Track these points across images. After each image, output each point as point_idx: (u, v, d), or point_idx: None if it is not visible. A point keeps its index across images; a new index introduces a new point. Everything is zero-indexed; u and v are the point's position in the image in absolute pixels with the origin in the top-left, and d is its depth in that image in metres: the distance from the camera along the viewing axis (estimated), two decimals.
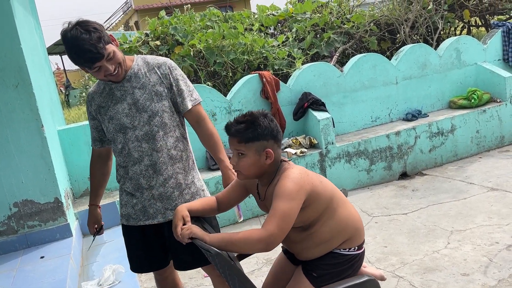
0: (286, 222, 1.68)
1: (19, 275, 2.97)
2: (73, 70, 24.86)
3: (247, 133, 1.75)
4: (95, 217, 2.31)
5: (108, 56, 1.92)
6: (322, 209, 1.81)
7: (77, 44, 1.86)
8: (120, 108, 2.06)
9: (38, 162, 3.39)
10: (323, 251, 1.86)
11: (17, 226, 3.43)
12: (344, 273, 1.86)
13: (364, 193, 4.64)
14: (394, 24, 6.35)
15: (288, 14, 6.49)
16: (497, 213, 3.68)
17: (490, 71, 5.56)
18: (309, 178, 1.79)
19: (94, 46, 1.86)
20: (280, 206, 1.70)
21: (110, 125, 2.08)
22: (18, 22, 3.33)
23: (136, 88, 2.06)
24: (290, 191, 1.71)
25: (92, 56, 1.87)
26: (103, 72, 1.95)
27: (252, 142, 1.76)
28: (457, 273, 2.88)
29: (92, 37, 1.86)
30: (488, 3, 6.98)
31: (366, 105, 5.24)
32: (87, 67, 1.93)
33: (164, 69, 2.11)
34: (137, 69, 2.09)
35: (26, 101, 3.32)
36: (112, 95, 2.08)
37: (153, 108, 2.06)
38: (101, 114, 2.11)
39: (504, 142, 5.52)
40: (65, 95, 17.65)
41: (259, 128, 1.76)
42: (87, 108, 2.18)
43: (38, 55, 4.28)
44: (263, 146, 1.77)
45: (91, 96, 2.14)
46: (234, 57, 5.23)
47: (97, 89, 2.13)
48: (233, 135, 1.78)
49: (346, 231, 1.86)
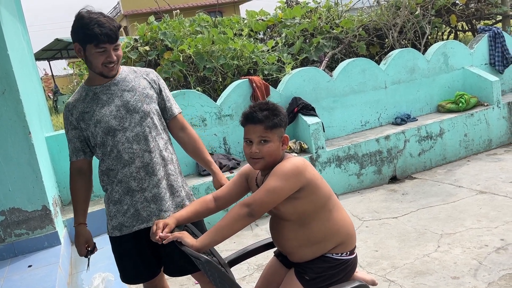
0: (271, 197, 1.73)
1: (6, 285, 2.91)
2: (61, 75, 24.65)
3: (273, 119, 1.80)
4: (84, 236, 2.15)
5: (116, 46, 2.00)
6: (319, 205, 1.82)
7: (101, 20, 1.94)
8: (108, 111, 2.04)
9: (26, 169, 3.35)
10: (316, 253, 1.85)
11: (4, 235, 3.37)
12: (336, 277, 1.86)
13: (355, 197, 4.65)
14: (383, 29, 6.41)
15: (277, 19, 6.51)
16: (486, 216, 3.71)
17: (477, 75, 5.63)
18: (311, 168, 1.83)
19: (114, 28, 1.96)
20: (270, 182, 1.74)
21: (97, 129, 2.04)
22: (5, 29, 3.30)
23: (125, 91, 2.08)
24: (286, 171, 1.74)
25: (110, 33, 1.93)
26: (105, 56, 1.97)
27: (277, 128, 1.81)
28: (447, 277, 2.89)
29: (114, 23, 1.98)
30: (475, 8, 7.08)
31: (356, 109, 5.26)
32: (98, 42, 1.93)
33: (152, 76, 2.19)
34: (125, 75, 2.13)
35: (13, 107, 3.27)
36: (97, 99, 2.06)
37: (145, 109, 2.08)
38: (84, 120, 2.06)
39: (491, 145, 5.58)
40: (53, 101, 17.47)
41: (281, 115, 1.83)
42: (66, 118, 2.11)
43: (25, 61, 4.24)
44: (282, 133, 1.84)
45: (72, 105, 2.09)
46: (224, 62, 5.23)
47: (79, 97, 2.10)
48: (259, 121, 1.80)
49: (339, 235, 1.87)
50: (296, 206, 1.78)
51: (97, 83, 2.09)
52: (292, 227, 1.84)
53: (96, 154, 2.14)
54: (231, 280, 1.71)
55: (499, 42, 5.92)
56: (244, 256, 2.10)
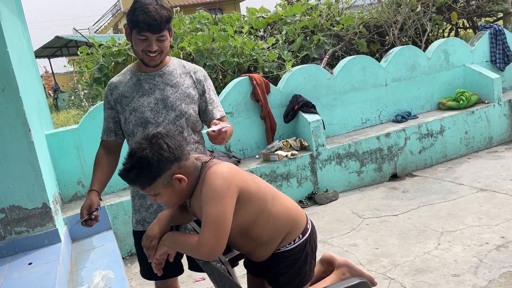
0: (221, 227, 1.55)
1: (6, 282, 2.91)
2: (62, 73, 24.63)
3: (143, 177, 1.57)
4: (89, 200, 2.02)
5: (161, 37, 1.94)
6: (256, 212, 1.71)
7: (148, 8, 1.89)
8: (146, 102, 2.02)
9: (25, 167, 3.34)
10: (270, 250, 1.80)
11: (4, 232, 3.37)
12: (305, 264, 1.83)
13: (355, 194, 4.65)
14: (383, 26, 6.39)
15: (277, 17, 6.49)
16: (486, 213, 3.70)
17: (478, 73, 5.61)
18: (240, 174, 1.68)
19: (159, 18, 1.89)
20: (210, 212, 1.55)
21: (131, 117, 2.02)
22: (5, 26, 3.29)
23: (168, 85, 2.04)
24: (219, 190, 1.57)
25: (152, 23, 1.89)
26: (145, 44, 1.94)
27: (154, 183, 1.58)
28: (447, 274, 2.89)
29: (163, 13, 1.91)
30: (476, 6, 7.06)
31: (356, 107, 5.25)
32: (140, 29, 1.91)
33: (200, 75, 2.13)
34: (173, 68, 2.09)
35: (13, 105, 3.26)
36: (139, 87, 2.04)
37: (182, 108, 2.04)
38: (122, 104, 2.05)
39: (492, 143, 5.57)
40: (54, 98, 17.47)
41: (152, 166, 1.55)
42: (105, 96, 2.11)
43: (25, 58, 4.23)
44: (169, 177, 1.59)
45: (114, 85, 2.09)
46: (224, 60, 5.22)
47: (123, 79, 2.09)
48: (132, 185, 1.63)
49: (285, 227, 1.79)
50: (233, 220, 1.63)
51: (143, 70, 2.07)
52: (236, 237, 1.75)
53: (127, 141, 2.12)
54: (231, 281, 1.71)
55: (500, 40, 5.90)
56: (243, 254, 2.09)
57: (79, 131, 4.20)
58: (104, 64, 5.25)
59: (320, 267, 2.17)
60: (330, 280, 2.07)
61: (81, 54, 5.63)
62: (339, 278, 2.07)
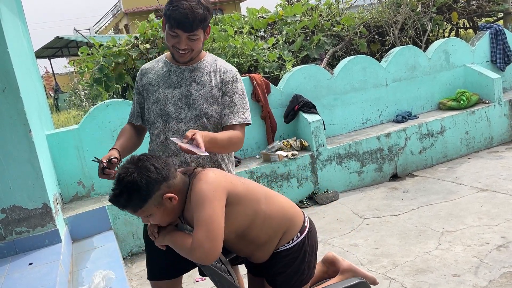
0: (213, 228, 1.55)
1: (7, 283, 2.92)
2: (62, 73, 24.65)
3: (134, 201, 1.58)
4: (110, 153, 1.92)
5: (192, 36, 1.88)
6: (251, 214, 1.72)
7: (184, 4, 1.82)
8: (170, 95, 1.98)
9: (26, 167, 3.34)
10: (269, 250, 1.81)
11: (5, 233, 3.37)
12: (303, 263, 1.84)
13: (356, 195, 4.65)
14: (384, 26, 6.39)
15: (278, 17, 6.49)
16: (487, 213, 3.70)
17: (479, 73, 5.61)
18: (226, 177, 1.70)
19: (192, 16, 1.82)
20: (200, 215, 1.56)
21: (153, 106, 1.99)
22: (5, 26, 3.29)
23: (195, 81, 2.00)
24: (205, 194, 1.58)
25: (184, 22, 1.83)
26: (175, 41, 1.90)
27: (145, 205, 1.59)
28: (448, 274, 2.89)
29: (199, 11, 1.84)
30: (476, 6, 7.06)
31: (357, 107, 5.25)
32: (171, 25, 1.86)
33: (228, 76, 2.04)
34: (204, 65, 2.04)
35: (13, 105, 3.27)
36: (167, 78, 2.00)
37: (204, 109, 1.97)
38: (147, 92, 2.02)
39: (493, 143, 5.57)
40: (54, 99, 17.48)
41: (141, 188, 1.57)
42: (136, 81, 2.11)
43: (25, 59, 4.23)
44: (159, 197, 1.60)
45: (145, 71, 2.08)
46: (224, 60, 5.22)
47: (154, 66, 2.07)
48: (124, 209, 1.63)
49: (281, 226, 1.80)
50: (228, 225, 1.66)
51: (175, 62, 2.03)
52: (234, 241, 1.77)
53: (148, 129, 2.09)
54: (229, 282, 1.71)
55: (500, 40, 5.90)
56: None
57: (79, 131, 4.21)
58: (105, 65, 5.25)
59: (321, 267, 2.17)
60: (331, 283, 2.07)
61: (81, 54, 5.64)
62: None
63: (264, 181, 4.39)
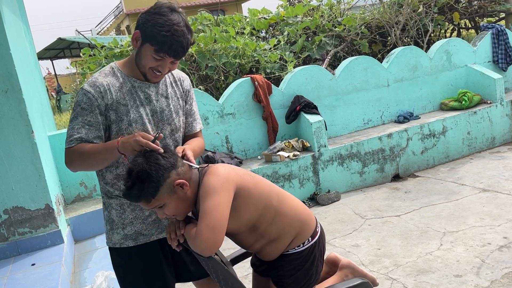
0: (215, 218, 1.57)
1: (10, 283, 2.93)
2: (64, 74, 24.71)
3: (146, 190, 1.58)
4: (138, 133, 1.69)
5: (176, 61, 1.79)
6: (261, 207, 1.73)
7: (177, 31, 1.70)
8: (144, 113, 1.82)
9: (29, 168, 3.36)
10: (278, 248, 1.82)
11: (8, 233, 3.39)
12: (312, 267, 1.85)
13: (357, 195, 4.65)
14: (385, 27, 6.39)
15: (279, 18, 6.50)
16: (489, 214, 3.70)
17: (480, 73, 5.61)
18: (236, 171, 1.72)
19: (186, 45, 1.74)
20: (205, 205, 1.59)
21: (131, 128, 1.78)
22: (8, 28, 3.31)
23: (162, 96, 1.88)
24: (213, 186, 1.60)
25: (179, 51, 1.72)
26: (157, 64, 1.74)
27: (158, 193, 1.60)
28: (450, 275, 2.88)
29: (189, 38, 1.77)
30: (478, 6, 7.05)
31: (358, 107, 5.25)
32: (160, 51, 1.70)
33: (187, 84, 1.99)
34: (164, 77, 1.91)
35: (16, 107, 3.29)
36: (135, 95, 1.82)
37: (177, 122, 1.91)
38: (118, 112, 1.77)
39: (495, 143, 5.56)
40: (56, 100, 17.54)
41: (152, 176, 1.57)
42: (92, 101, 1.74)
43: (28, 60, 4.25)
44: (171, 184, 1.61)
45: (106, 89, 1.76)
46: (226, 61, 5.23)
47: (113, 81, 1.80)
48: (138, 201, 1.63)
49: (293, 226, 1.81)
50: (239, 218, 1.68)
51: (136, 76, 1.83)
52: (245, 235, 1.78)
53: None
54: (234, 278, 1.71)
55: (502, 40, 5.89)
56: (246, 254, 2.10)
57: None
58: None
59: (324, 268, 2.17)
60: (332, 280, 2.08)
61: (83, 55, 5.65)
62: (341, 279, 2.07)
63: None
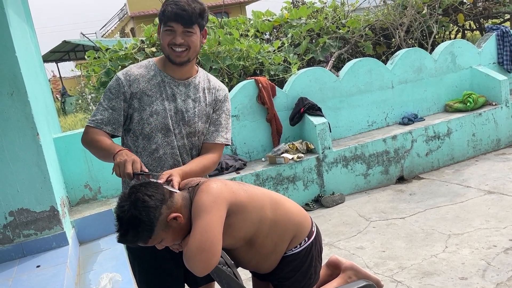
0: (206, 238, 1.52)
1: (15, 285, 2.94)
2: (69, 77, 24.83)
3: (141, 234, 1.57)
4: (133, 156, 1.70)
5: (187, 30, 1.80)
6: (256, 220, 1.71)
7: (182, 3, 1.78)
8: (168, 107, 1.86)
9: (34, 170, 3.37)
10: (276, 259, 1.81)
11: (13, 235, 3.40)
12: (311, 266, 1.85)
13: (362, 197, 4.63)
14: (389, 28, 6.38)
15: (283, 20, 6.50)
16: (495, 216, 3.68)
17: (485, 75, 5.58)
18: (228, 187, 1.68)
19: (190, 9, 1.78)
20: (197, 226, 1.55)
21: (152, 119, 1.84)
22: (13, 31, 3.33)
23: (190, 98, 1.91)
24: (204, 205, 1.57)
25: (180, 13, 1.76)
26: (170, 37, 1.80)
27: (153, 233, 1.57)
28: (455, 277, 2.87)
29: (195, 5, 1.80)
30: (482, 7, 7.03)
31: (362, 109, 5.24)
32: (166, 19, 1.79)
33: (220, 95, 2.00)
34: (198, 81, 1.96)
35: (21, 109, 3.30)
36: (162, 88, 1.88)
37: (198, 127, 1.92)
38: (142, 101, 1.84)
39: (500, 145, 5.53)
40: (61, 102, 17.62)
41: (144, 221, 1.55)
42: (120, 87, 1.84)
43: (33, 63, 4.27)
44: (164, 221, 1.58)
45: (134, 77, 1.87)
46: (230, 63, 5.23)
47: (145, 73, 1.89)
48: (135, 244, 1.63)
49: (289, 232, 1.80)
50: (234, 234, 1.66)
51: (169, 72, 1.90)
52: (242, 251, 1.77)
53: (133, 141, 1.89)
54: (237, 283, 1.71)
55: (507, 41, 5.87)
56: None
57: None
58: (111, 68, 5.28)
59: (326, 271, 2.17)
60: (336, 283, 2.07)
61: (88, 58, 5.68)
62: (345, 281, 2.07)
63: (270, 183, 4.40)
